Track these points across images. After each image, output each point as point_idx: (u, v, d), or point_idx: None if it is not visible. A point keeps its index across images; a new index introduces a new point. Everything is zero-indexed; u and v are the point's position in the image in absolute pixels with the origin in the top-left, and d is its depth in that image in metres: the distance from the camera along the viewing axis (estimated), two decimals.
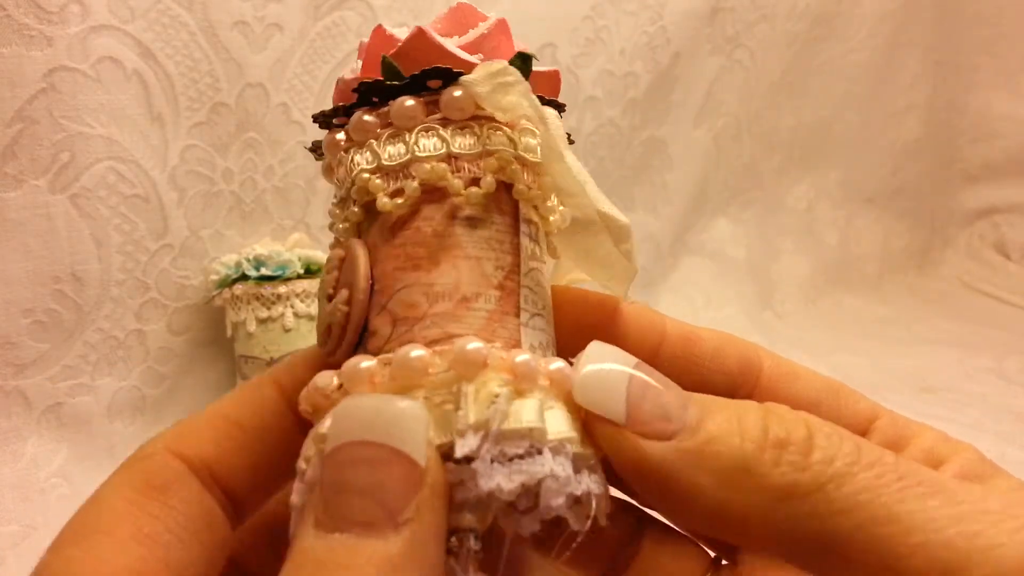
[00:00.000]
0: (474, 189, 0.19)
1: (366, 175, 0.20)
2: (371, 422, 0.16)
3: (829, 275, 1.19)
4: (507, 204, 0.20)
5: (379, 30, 0.21)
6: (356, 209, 0.20)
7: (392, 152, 0.20)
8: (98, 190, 0.64)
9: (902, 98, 1.27)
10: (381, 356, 0.18)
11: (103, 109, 0.63)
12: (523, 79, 0.20)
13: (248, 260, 0.68)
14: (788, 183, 1.18)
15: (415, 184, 0.19)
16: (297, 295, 0.68)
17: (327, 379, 0.18)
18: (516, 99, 0.20)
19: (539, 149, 0.21)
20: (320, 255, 0.70)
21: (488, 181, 0.19)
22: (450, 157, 0.20)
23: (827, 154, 1.20)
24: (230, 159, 0.71)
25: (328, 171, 0.22)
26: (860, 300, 1.19)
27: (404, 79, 0.20)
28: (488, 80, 0.20)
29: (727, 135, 1.07)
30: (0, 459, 0.63)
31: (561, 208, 0.21)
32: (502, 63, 0.20)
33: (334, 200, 0.21)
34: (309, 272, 0.69)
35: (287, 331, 0.67)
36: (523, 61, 0.21)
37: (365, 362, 0.18)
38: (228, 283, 0.68)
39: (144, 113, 0.66)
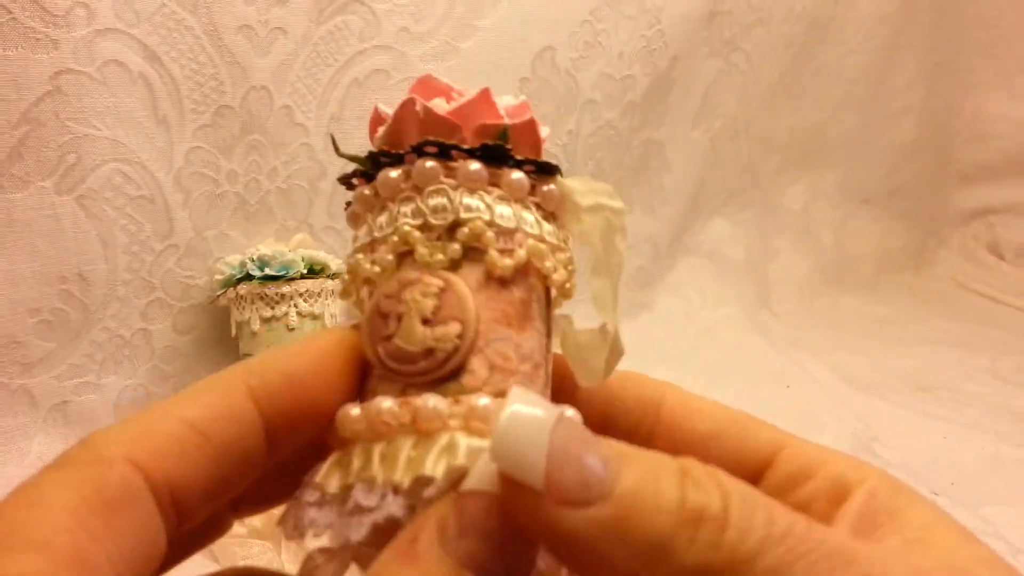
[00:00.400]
0: (556, 276, 0.21)
1: (481, 223, 0.21)
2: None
3: (826, 275, 1.20)
4: (546, 292, 0.22)
5: (428, 79, 0.22)
6: (457, 247, 0.21)
7: (504, 212, 0.21)
8: (104, 191, 0.65)
9: (899, 100, 1.28)
10: (496, 401, 0.19)
11: (109, 111, 0.64)
12: (621, 208, 0.22)
13: (252, 260, 0.69)
14: (785, 184, 1.19)
15: (523, 253, 0.21)
16: (300, 295, 0.68)
17: (444, 405, 0.19)
18: (595, 224, 0.22)
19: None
20: (323, 255, 0.71)
21: (562, 273, 0.22)
22: (543, 239, 0.21)
23: (824, 155, 1.21)
24: (234, 161, 0.72)
25: (392, 184, 0.22)
26: (857, 300, 1.19)
27: (511, 155, 0.21)
28: (591, 195, 0.21)
29: (724, 137, 1.08)
30: (6, 457, 0.64)
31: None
32: (608, 187, 0.22)
33: (409, 219, 0.21)
34: (312, 272, 0.70)
35: (291, 330, 0.68)
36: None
37: (483, 399, 0.19)
38: (232, 283, 0.69)
39: (149, 116, 0.66)
